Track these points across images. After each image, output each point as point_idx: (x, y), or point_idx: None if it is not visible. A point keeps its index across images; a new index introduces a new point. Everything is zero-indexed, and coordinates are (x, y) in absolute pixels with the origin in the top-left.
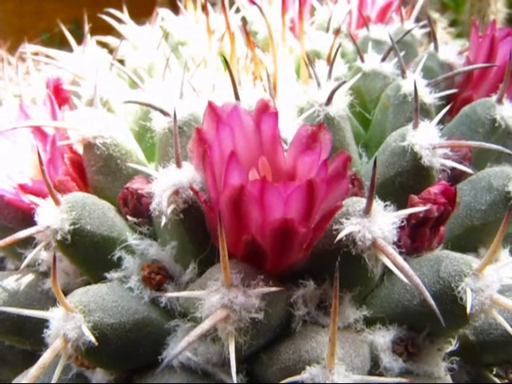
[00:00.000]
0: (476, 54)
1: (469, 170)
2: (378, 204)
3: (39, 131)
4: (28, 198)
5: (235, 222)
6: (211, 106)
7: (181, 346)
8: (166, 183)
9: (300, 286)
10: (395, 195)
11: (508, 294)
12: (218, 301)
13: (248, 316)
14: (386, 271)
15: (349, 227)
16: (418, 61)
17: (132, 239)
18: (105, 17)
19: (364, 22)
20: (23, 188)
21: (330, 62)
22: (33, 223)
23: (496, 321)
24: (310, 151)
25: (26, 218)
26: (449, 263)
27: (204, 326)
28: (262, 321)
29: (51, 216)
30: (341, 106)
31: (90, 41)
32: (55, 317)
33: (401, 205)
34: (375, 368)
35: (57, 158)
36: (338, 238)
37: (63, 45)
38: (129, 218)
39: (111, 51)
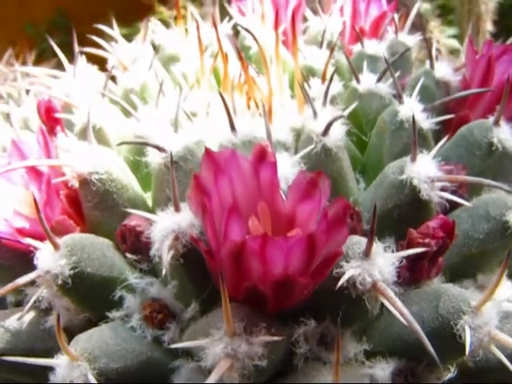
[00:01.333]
0: (472, 73)
1: (466, 203)
2: (377, 245)
3: (33, 170)
4: (26, 242)
5: (236, 271)
6: (209, 154)
7: None
8: (166, 229)
9: (301, 324)
10: (393, 227)
11: (506, 321)
12: (222, 350)
13: (251, 363)
14: None
15: (349, 271)
16: (414, 80)
17: (132, 278)
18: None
19: (357, 35)
20: (21, 232)
21: (326, 84)
22: (31, 261)
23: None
24: (310, 199)
25: (24, 255)
26: (447, 300)
27: (211, 380)
28: (264, 367)
29: (51, 260)
30: (338, 136)
31: (80, 57)
32: (60, 364)
33: (399, 236)
34: None
35: (53, 198)
36: (339, 284)
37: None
38: (128, 255)
39: (101, 65)
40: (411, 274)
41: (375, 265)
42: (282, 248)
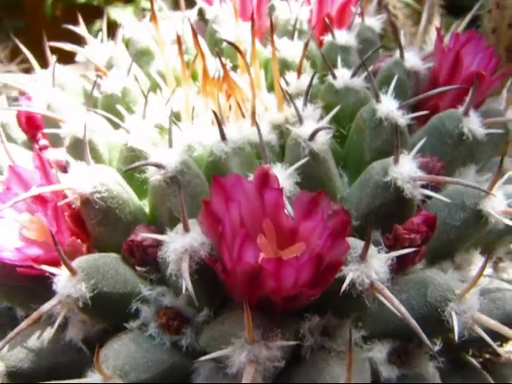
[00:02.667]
0: (440, 64)
1: (446, 199)
2: (371, 248)
3: (37, 196)
4: (42, 268)
5: (250, 286)
6: (217, 183)
7: None
8: (179, 249)
9: (306, 319)
10: (380, 222)
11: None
12: (245, 357)
13: (271, 365)
14: None
15: (349, 275)
16: (386, 71)
17: (146, 290)
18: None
19: (327, 26)
20: (36, 260)
21: (307, 84)
22: (45, 280)
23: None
24: (312, 216)
25: (37, 276)
26: (434, 289)
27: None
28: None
29: (69, 285)
30: (323, 140)
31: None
32: (93, 381)
33: (385, 230)
34: (376, 380)
35: (61, 222)
36: (343, 288)
37: None
38: (137, 268)
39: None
40: (399, 264)
41: (371, 267)
42: (293, 267)
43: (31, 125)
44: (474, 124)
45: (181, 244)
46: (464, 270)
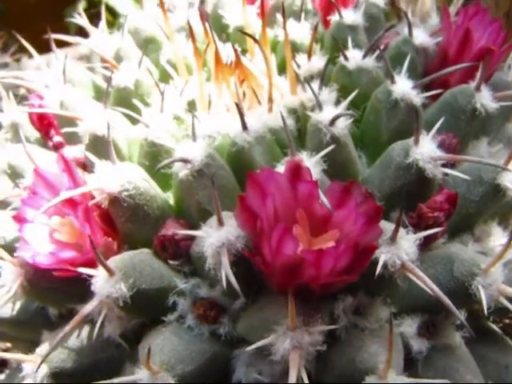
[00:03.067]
0: (449, 40)
1: (464, 176)
2: (401, 230)
3: (67, 199)
4: (79, 271)
5: (289, 275)
6: (253, 178)
7: None
8: (216, 243)
9: (339, 300)
10: (403, 202)
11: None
12: (289, 344)
13: (314, 350)
14: None
15: (381, 257)
16: (395, 49)
17: (181, 284)
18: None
19: (331, 4)
20: (72, 263)
21: (322, 69)
22: (77, 281)
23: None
24: (345, 205)
25: (71, 277)
26: (460, 264)
27: (292, 373)
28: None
29: (108, 286)
30: (343, 125)
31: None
32: (143, 379)
33: (408, 208)
34: (408, 353)
35: (94, 224)
36: (377, 272)
37: None
38: (170, 262)
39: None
40: (423, 241)
41: (401, 248)
42: (332, 256)
43: (44, 122)
44: (485, 99)
45: (217, 238)
46: (483, 242)
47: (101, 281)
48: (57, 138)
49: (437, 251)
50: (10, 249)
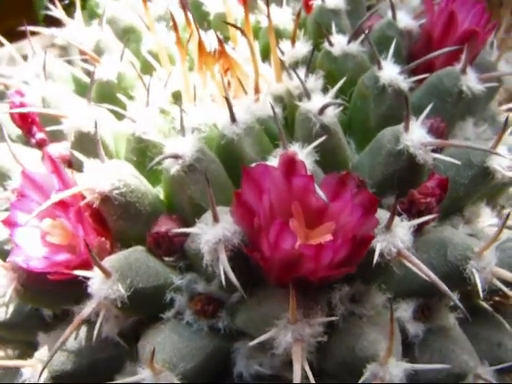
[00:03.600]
0: (433, 23)
1: (455, 161)
2: (395, 219)
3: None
4: (75, 273)
5: (288, 269)
6: (248, 175)
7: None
8: (212, 240)
9: (336, 289)
10: (394, 188)
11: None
12: (291, 337)
13: (315, 341)
14: None
15: (378, 246)
16: (379, 32)
17: (177, 280)
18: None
19: None
20: (67, 266)
21: (308, 56)
22: (71, 283)
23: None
24: (340, 197)
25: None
26: (453, 248)
27: (296, 366)
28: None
29: (105, 287)
30: (332, 113)
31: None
32: (146, 378)
33: (399, 194)
34: (405, 338)
35: (86, 225)
36: (375, 261)
37: None
38: (165, 258)
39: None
40: (416, 227)
41: (396, 236)
42: (331, 249)
43: (26, 120)
44: (471, 81)
45: (213, 235)
46: (473, 223)
47: (97, 282)
48: (39, 135)
49: (429, 236)
50: (0, 252)
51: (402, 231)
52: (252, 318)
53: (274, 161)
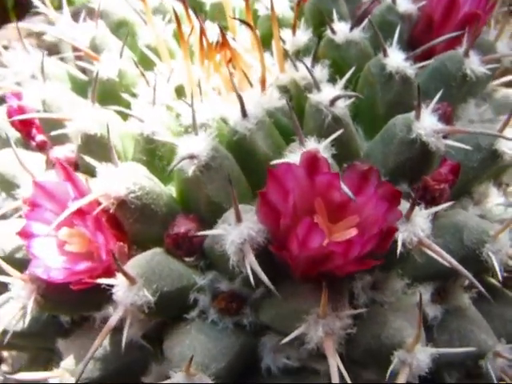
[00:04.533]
0: (433, 6)
1: (466, 147)
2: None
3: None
4: (98, 282)
5: (315, 265)
6: (273, 175)
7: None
8: (237, 240)
9: (357, 279)
10: (407, 176)
11: None
12: (322, 331)
13: (345, 333)
14: None
15: (400, 237)
16: (379, 17)
17: (200, 280)
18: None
19: None
20: (89, 274)
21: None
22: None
23: None
24: (363, 191)
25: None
26: (469, 233)
27: (331, 363)
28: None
29: (131, 294)
30: (342, 104)
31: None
32: (180, 381)
33: (412, 181)
34: (424, 321)
35: (105, 232)
36: (398, 251)
37: None
38: (186, 259)
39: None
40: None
41: (417, 225)
42: (360, 245)
43: (24, 122)
44: (474, 64)
45: (238, 235)
46: (482, 204)
47: (122, 290)
48: (39, 137)
49: (443, 220)
50: (11, 261)
51: (422, 220)
52: (280, 314)
53: (291, 156)
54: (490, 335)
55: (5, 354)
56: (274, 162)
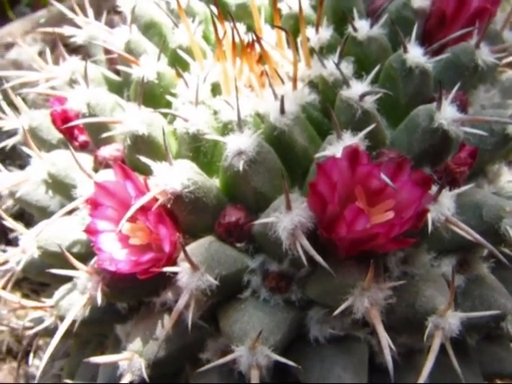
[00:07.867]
0: (446, 1)
1: (483, 133)
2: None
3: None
4: (164, 270)
5: (358, 245)
6: (322, 169)
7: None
8: (289, 227)
9: (390, 254)
10: (430, 160)
11: None
12: (368, 302)
13: (386, 303)
14: None
15: (429, 216)
16: (395, 14)
17: (251, 263)
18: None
19: None
20: (156, 264)
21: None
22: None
23: None
24: (398, 178)
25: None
26: (488, 210)
27: (380, 330)
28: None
29: (195, 279)
30: (370, 99)
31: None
32: (243, 355)
33: (434, 165)
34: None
35: (167, 224)
36: (429, 230)
37: None
38: (237, 245)
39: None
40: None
41: (444, 205)
42: (399, 226)
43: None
44: (485, 55)
45: (290, 222)
46: (495, 182)
47: (186, 276)
48: (82, 138)
49: (464, 199)
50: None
51: (447, 200)
52: (327, 289)
53: (331, 148)
54: (509, 299)
55: (40, 342)
56: (319, 155)
